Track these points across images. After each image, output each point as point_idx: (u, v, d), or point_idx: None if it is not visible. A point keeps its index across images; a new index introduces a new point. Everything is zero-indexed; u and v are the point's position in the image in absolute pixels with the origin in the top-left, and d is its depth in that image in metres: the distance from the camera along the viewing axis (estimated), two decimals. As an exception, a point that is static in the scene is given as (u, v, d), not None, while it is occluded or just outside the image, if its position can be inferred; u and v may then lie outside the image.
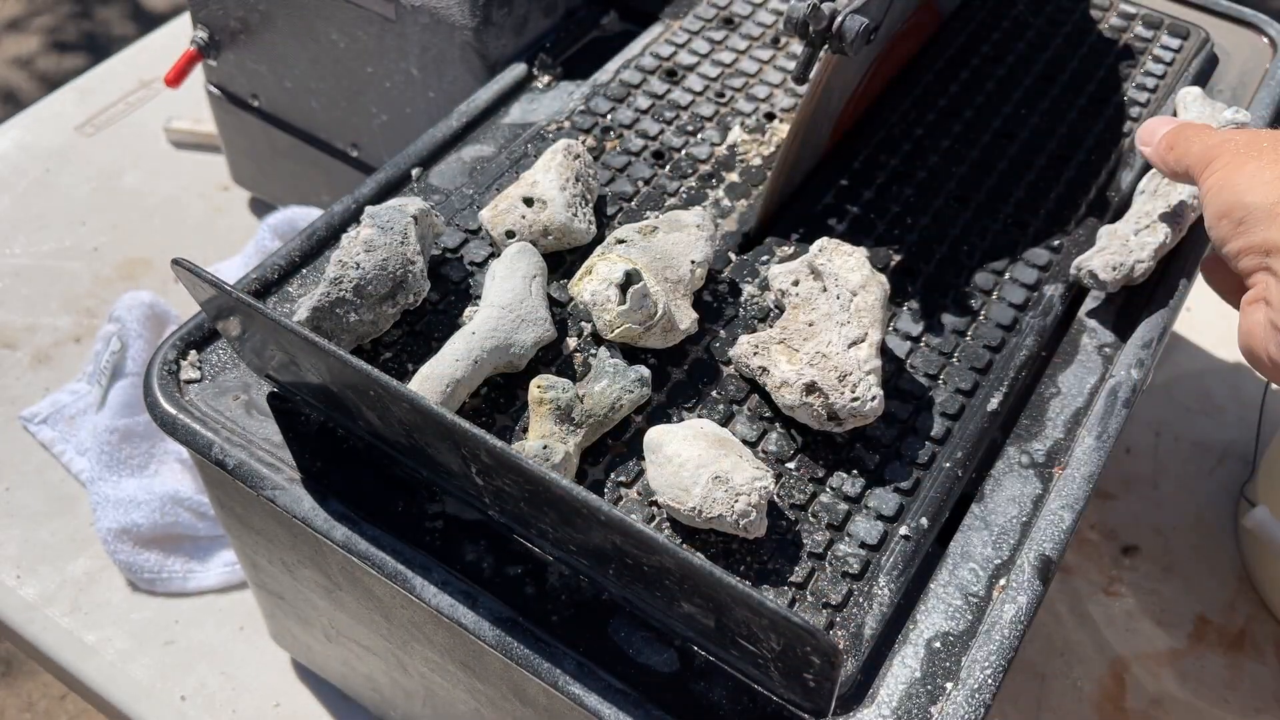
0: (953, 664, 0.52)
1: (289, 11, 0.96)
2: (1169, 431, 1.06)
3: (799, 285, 0.63)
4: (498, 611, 0.53)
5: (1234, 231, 0.50)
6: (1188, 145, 0.56)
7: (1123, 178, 0.77)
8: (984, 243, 0.72)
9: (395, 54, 0.91)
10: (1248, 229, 0.49)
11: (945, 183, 0.76)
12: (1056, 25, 0.89)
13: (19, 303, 1.14)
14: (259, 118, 1.09)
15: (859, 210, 0.74)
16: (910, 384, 0.63)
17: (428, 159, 0.76)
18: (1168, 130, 0.59)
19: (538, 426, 0.57)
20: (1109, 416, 0.62)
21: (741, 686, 0.51)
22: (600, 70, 0.84)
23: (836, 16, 0.60)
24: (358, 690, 0.82)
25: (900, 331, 0.66)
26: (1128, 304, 0.69)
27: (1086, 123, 0.81)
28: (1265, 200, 0.48)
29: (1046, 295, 0.69)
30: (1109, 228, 0.69)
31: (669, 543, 0.42)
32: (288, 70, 1.01)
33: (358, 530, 0.56)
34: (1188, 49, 0.87)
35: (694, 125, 0.79)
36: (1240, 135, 0.53)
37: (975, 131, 0.80)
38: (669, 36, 0.86)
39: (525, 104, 0.81)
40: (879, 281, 0.61)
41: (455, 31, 0.85)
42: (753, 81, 0.83)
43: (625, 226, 0.66)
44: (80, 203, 1.25)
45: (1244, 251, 0.49)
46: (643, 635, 0.52)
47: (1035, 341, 0.66)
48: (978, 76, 0.85)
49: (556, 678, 0.51)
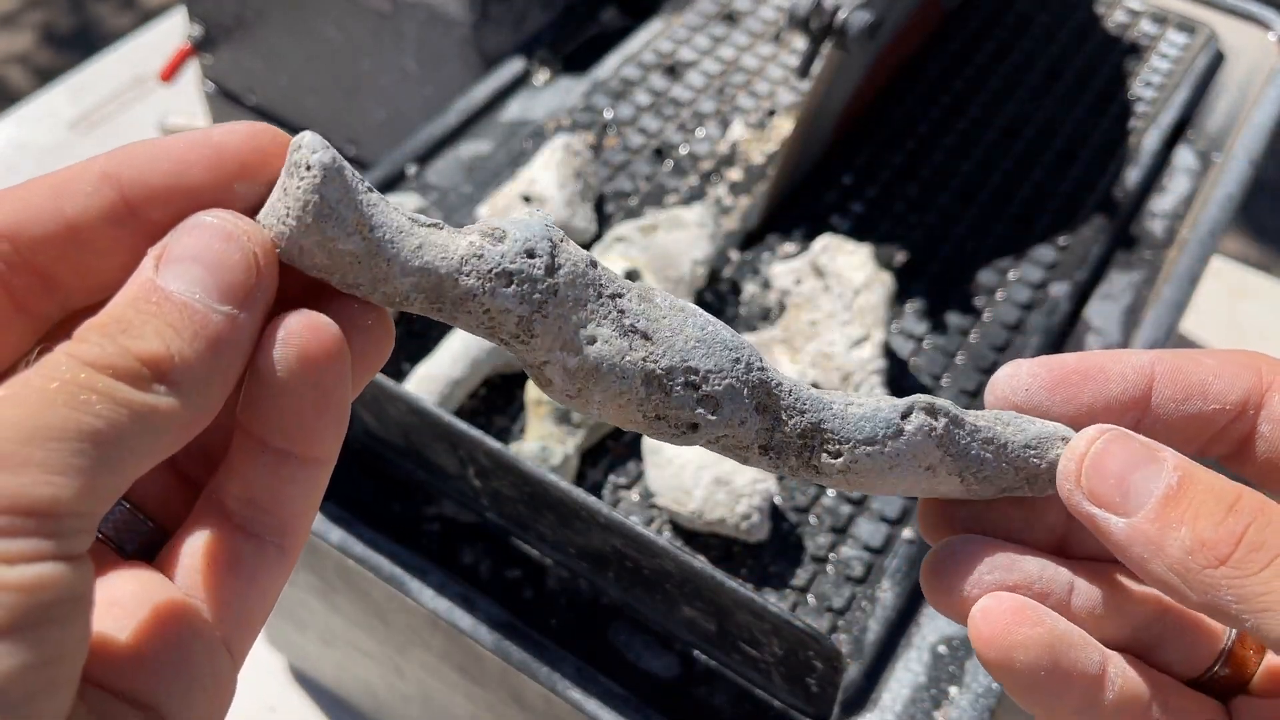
0: (957, 668, 0.51)
1: (285, 6, 0.95)
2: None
3: (801, 284, 0.62)
4: (496, 615, 0.52)
5: None
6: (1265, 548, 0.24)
7: (1129, 175, 0.76)
8: (989, 241, 0.71)
9: (392, 49, 0.90)
10: None
11: (949, 180, 0.75)
12: (1061, 21, 0.88)
13: (12, 301, 1.13)
14: (254, 114, 1.09)
15: (862, 208, 0.73)
16: (914, 384, 0.63)
17: (425, 156, 0.75)
18: (1163, 492, 0.26)
19: (536, 428, 0.56)
20: (1116, 417, 0.61)
21: (743, 692, 0.50)
22: (600, 66, 0.83)
23: (839, 12, 0.59)
24: (354, 695, 0.82)
25: (904, 331, 0.65)
26: (1134, 304, 0.68)
27: (1092, 120, 0.80)
28: None
29: (1052, 295, 0.68)
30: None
31: (670, 545, 0.41)
32: (283, 66, 1.01)
33: (354, 533, 0.55)
34: (1193, 46, 0.86)
35: (695, 122, 0.78)
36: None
37: (980, 129, 0.79)
38: (670, 32, 0.86)
39: (524, 100, 0.81)
40: (882, 280, 0.61)
41: (453, 26, 0.84)
42: (754, 78, 0.82)
43: (625, 224, 0.65)
44: (75, 200, 1.24)
45: None
46: (643, 640, 0.52)
47: (1041, 341, 0.66)
48: (982, 73, 0.84)
49: (555, 682, 0.50)
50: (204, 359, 0.21)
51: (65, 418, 0.19)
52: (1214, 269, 1.13)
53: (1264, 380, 0.28)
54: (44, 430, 0.19)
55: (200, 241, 0.22)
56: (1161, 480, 0.25)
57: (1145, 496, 0.25)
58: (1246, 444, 0.28)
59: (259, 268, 0.22)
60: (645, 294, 0.26)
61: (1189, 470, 0.26)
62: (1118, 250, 0.72)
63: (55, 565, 0.19)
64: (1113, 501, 0.26)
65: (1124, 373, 0.28)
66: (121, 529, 0.25)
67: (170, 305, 0.21)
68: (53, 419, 0.19)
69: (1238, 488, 0.25)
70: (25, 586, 0.18)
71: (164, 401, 0.21)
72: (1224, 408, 0.28)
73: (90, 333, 0.21)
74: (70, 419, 0.20)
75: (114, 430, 0.20)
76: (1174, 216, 0.75)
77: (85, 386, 0.20)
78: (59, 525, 0.19)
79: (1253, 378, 0.28)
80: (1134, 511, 0.25)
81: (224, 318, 0.22)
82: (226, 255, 0.22)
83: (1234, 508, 0.25)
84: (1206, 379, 0.28)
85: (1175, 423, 0.28)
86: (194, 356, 0.21)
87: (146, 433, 0.21)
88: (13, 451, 0.19)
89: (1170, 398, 0.28)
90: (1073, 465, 0.26)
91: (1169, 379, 0.28)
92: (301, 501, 0.25)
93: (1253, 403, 0.28)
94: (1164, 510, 0.25)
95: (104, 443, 0.20)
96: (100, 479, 0.20)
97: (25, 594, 0.18)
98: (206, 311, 0.22)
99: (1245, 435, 0.28)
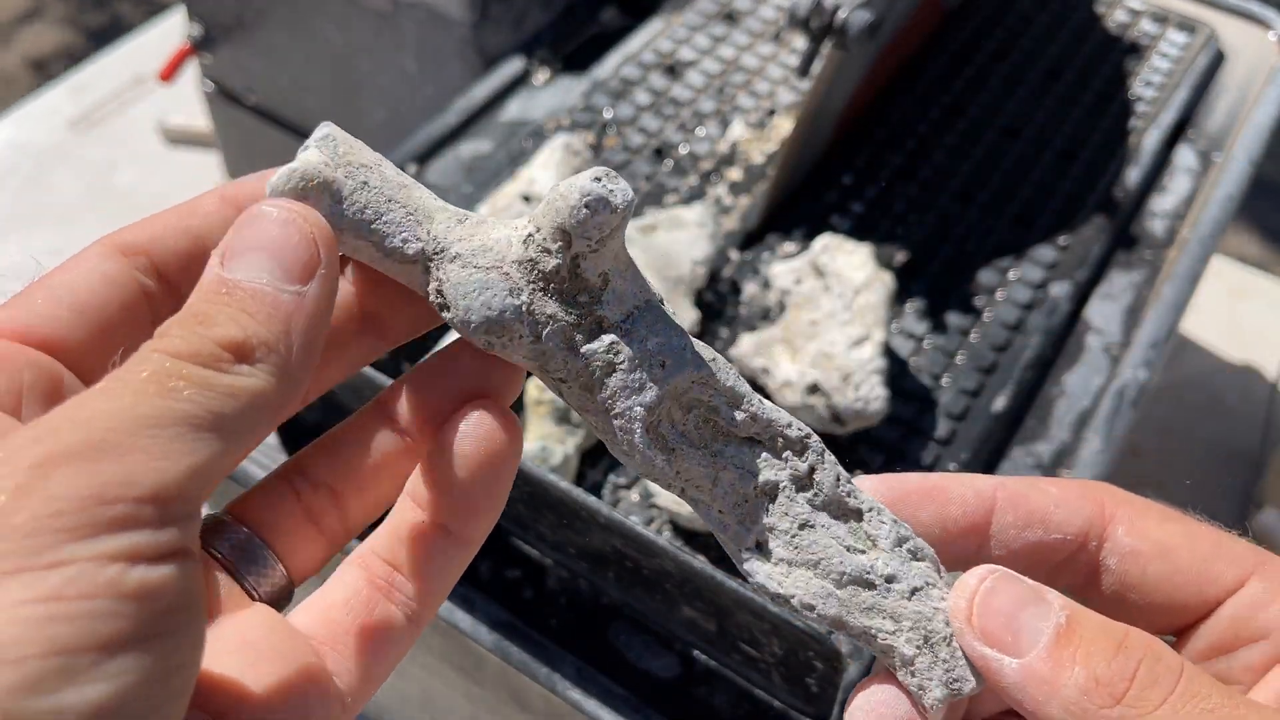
0: (959, 669, 0.51)
1: (285, 7, 0.95)
2: (1177, 433, 1.06)
3: (801, 284, 0.62)
4: (495, 615, 0.52)
5: None
6: None
7: (1129, 175, 0.76)
8: (989, 241, 0.71)
9: (392, 49, 0.90)
10: None
11: (950, 180, 0.75)
12: (1061, 21, 0.88)
13: (12, 301, 1.13)
14: (254, 114, 1.08)
15: (862, 208, 0.73)
16: (914, 384, 0.62)
17: (425, 155, 0.75)
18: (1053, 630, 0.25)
19: (536, 427, 0.56)
20: (1116, 418, 0.61)
21: (743, 692, 0.50)
22: (600, 66, 0.83)
23: (839, 12, 0.59)
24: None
25: (904, 331, 0.65)
26: (1134, 304, 0.68)
27: (1092, 119, 0.80)
28: None
29: (1052, 295, 0.68)
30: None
31: (670, 545, 0.41)
32: (283, 66, 1.00)
33: (352, 532, 0.55)
34: (1193, 45, 0.86)
35: (695, 122, 0.78)
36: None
37: (980, 128, 0.79)
38: (670, 32, 0.85)
39: (524, 100, 0.80)
40: (883, 280, 0.60)
41: (453, 26, 0.84)
42: (754, 77, 0.82)
43: (625, 224, 0.65)
44: (73, 200, 1.24)
45: None
46: (643, 640, 0.52)
47: (1041, 341, 0.65)
48: (982, 73, 0.84)
49: (555, 683, 0.50)
50: (280, 337, 0.22)
51: (159, 406, 0.20)
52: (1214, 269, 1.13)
53: (1106, 512, 0.28)
54: (142, 419, 0.20)
55: (260, 230, 0.23)
56: (1050, 619, 0.25)
57: (1036, 635, 0.25)
58: (1093, 576, 0.28)
59: (318, 244, 0.24)
60: None
61: (1075, 609, 0.25)
62: (1118, 250, 0.72)
63: (170, 568, 0.19)
64: (1004, 641, 0.25)
65: (965, 496, 0.28)
66: (240, 550, 0.26)
67: (241, 292, 0.23)
68: (148, 408, 0.20)
69: (1124, 626, 0.25)
70: (144, 593, 0.18)
71: (249, 381, 0.22)
72: (1064, 538, 0.27)
73: (171, 328, 0.22)
74: (164, 406, 0.20)
75: (206, 413, 0.21)
76: (1174, 216, 0.75)
77: (174, 375, 0.21)
78: (168, 511, 0.19)
79: (1093, 509, 0.28)
80: (1026, 651, 0.25)
81: (293, 296, 0.23)
82: (286, 238, 0.23)
83: (1123, 645, 0.25)
84: (1048, 507, 0.28)
85: (1016, 550, 0.27)
86: (271, 336, 0.22)
87: (238, 414, 0.21)
88: (116, 441, 0.19)
89: (1011, 524, 0.28)
90: (963, 603, 0.26)
91: (1010, 505, 0.28)
92: (445, 577, 0.26)
93: (1094, 534, 0.28)
94: (1056, 649, 0.25)
95: (199, 426, 0.20)
96: (199, 461, 0.20)
97: (144, 602, 0.18)
98: (275, 293, 0.23)
99: (1092, 567, 0.28)
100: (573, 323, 0.25)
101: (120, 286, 0.25)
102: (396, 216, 0.25)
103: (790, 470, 0.27)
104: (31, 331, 0.24)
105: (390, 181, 0.25)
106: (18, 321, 0.24)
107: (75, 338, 0.24)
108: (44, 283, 0.25)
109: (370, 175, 0.25)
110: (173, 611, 0.19)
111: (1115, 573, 0.27)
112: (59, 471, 0.18)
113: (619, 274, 0.26)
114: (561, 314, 0.25)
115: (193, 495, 0.20)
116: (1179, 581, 0.27)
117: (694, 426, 0.26)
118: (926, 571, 0.27)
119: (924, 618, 0.26)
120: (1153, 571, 0.27)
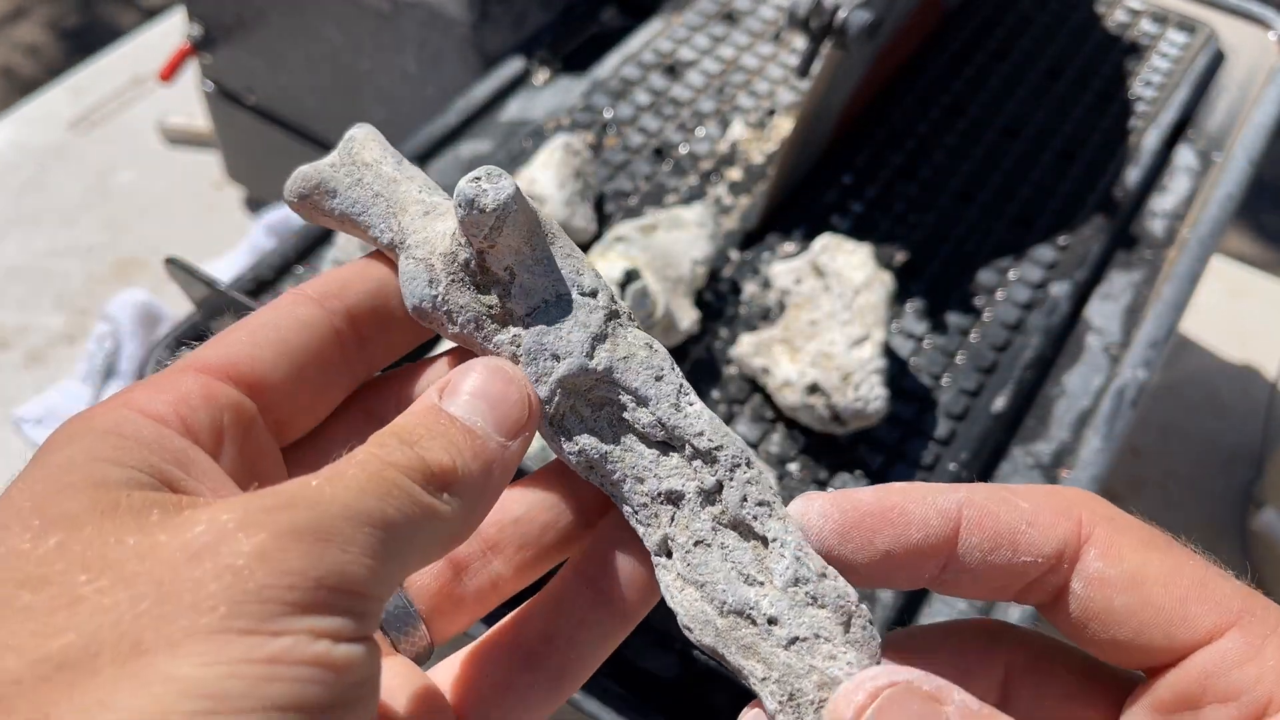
0: (959, 669, 0.51)
1: (285, 6, 0.95)
2: (1177, 433, 1.06)
3: (801, 284, 0.62)
4: (494, 615, 0.52)
5: None
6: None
7: (1129, 175, 0.76)
8: (989, 241, 0.71)
9: (392, 49, 0.90)
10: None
11: (949, 180, 0.75)
12: (1061, 21, 0.88)
13: (12, 302, 1.13)
14: (254, 114, 1.08)
15: (862, 208, 0.73)
16: (914, 384, 0.62)
17: (425, 155, 0.75)
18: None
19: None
20: (1116, 417, 0.61)
21: (743, 692, 0.50)
22: (600, 65, 0.83)
23: (839, 11, 0.59)
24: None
25: (904, 331, 0.65)
26: (1134, 304, 0.68)
27: (1092, 119, 0.80)
28: None
29: (1052, 294, 0.68)
30: None
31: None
32: (283, 66, 1.00)
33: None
34: (1193, 45, 0.86)
35: (695, 122, 0.78)
36: None
37: (980, 128, 0.79)
38: (669, 32, 0.85)
39: (523, 100, 0.80)
40: (882, 280, 0.60)
41: (453, 26, 0.84)
42: (754, 77, 0.82)
43: (625, 224, 0.65)
44: (73, 201, 1.24)
45: None
46: (643, 640, 0.51)
47: (1041, 341, 0.65)
48: (982, 73, 0.84)
49: (555, 684, 0.50)
50: (479, 478, 0.24)
51: (374, 507, 0.21)
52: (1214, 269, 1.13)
53: (1083, 530, 0.25)
54: (362, 516, 0.21)
55: (483, 380, 0.25)
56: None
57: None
58: (1061, 596, 0.25)
59: (530, 409, 0.25)
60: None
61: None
62: (1118, 250, 0.72)
63: (362, 648, 0.20)
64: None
65: (926, 517, 0.25)
66: (390, 620, 0.28)
67: (456, 428, 0.24)
68: (368, 507, 0.21)
69: None
70: (343, 668, 0.20)
71: (446, 508, 0.23)
72: (1035, 560, 0.25)
73: (388, 439, 0.23)
74: (379, 510, 0.21)
75: (407, 525, 0.22)
76: (1174, 216, 0.75)
77: (391, 483, 0.22)
78: (365, 605, 0.21)
79: (1070, 527, 0.25)
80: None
81: (499, 445, 0.24)
82: (506, 395, 0.25)
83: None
84: (1018, 526, 0.25)
85: (982, 573, 0.25)
86: (474, 473, 0.24)
87: (428, 534, 0.23)
88: (339, 530, 0.20)
89: (977, 546, 0.25)
90: (850, 715, 0.24)
91: (977, 525, 0.25)
92: (597, 651, 0.27)
93: (1069, 555, 0.25)
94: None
95: (397, 535, 0.22)
96: (390, 567, 0.21)
97: (341, 674, 0.20)
98: (486, 438, 0.24)
99: (1061, 587, 0.25)
100: (484, 313, 0.26)
101: (315, 330, 0.26)
102: (379, 210, 0.27)
103: (697, 483, 0.26)
104: (235, 369, 0.25)
105: (382, 177, 0.27)
106: (224, 359, 0.25)
107: (274, 378, 0.25)
108: (245, 324, 0.26)
109: (366, 173, 0.27)
110: (359, 685, 0.20)
111: (1080, 598, 0.25)
112: (294, 547, 0.20)
113: (526, 268, 0.26)
114: (474, 305, 0.26)
115: (382, 596, 0.21)
116: (1147, 619, 0.24)
117: (606, 424, 0.26)
118: (822, 622, 0.24)
119: (794, 674, 0.24)
120: (1120, 604, 0.24)
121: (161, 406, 0.23)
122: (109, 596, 0.19)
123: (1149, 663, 0.25)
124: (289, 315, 0.26)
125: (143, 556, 0.19)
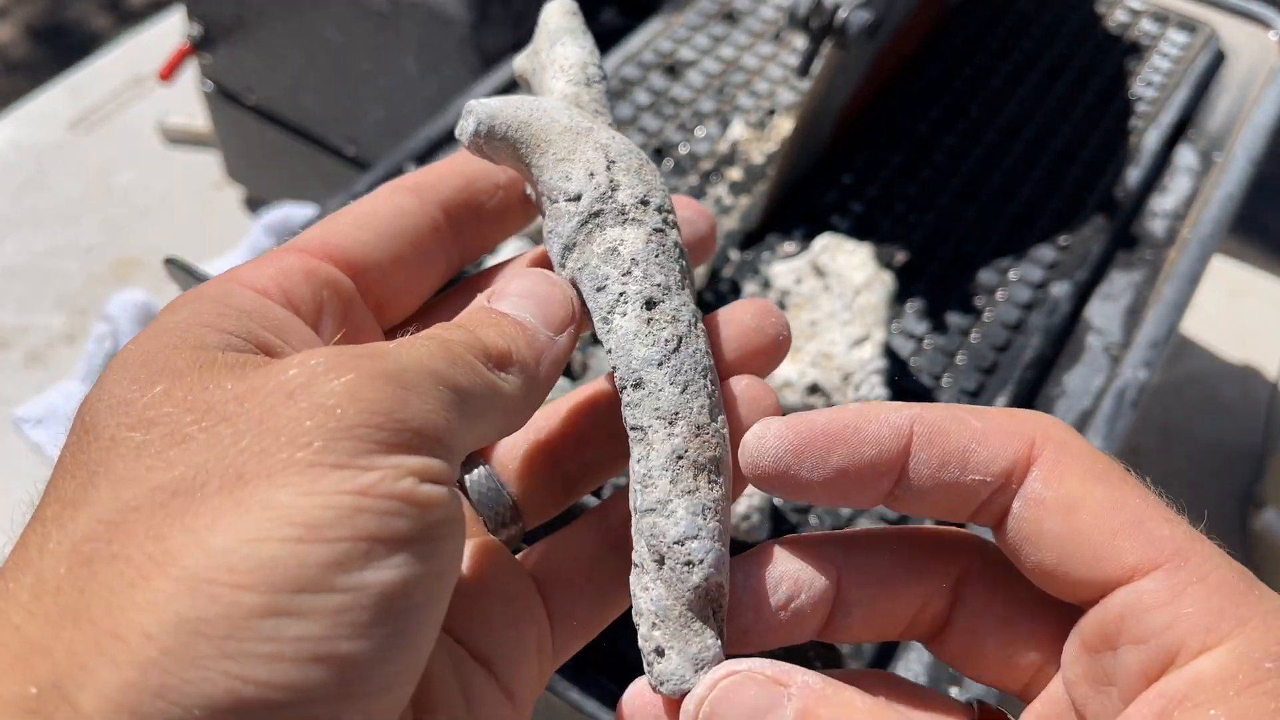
0: (957, 669, 0.51)
1: (285, 6, 0.95)
2: (1177, 433, 1.05)
3: (801, 284, 0.62)
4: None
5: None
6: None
7: (1129, 175, 0.76)
8: (989, 241, 0.71)
9: (392, 49, 0.89)
10: None
11: (950, 180, 0.75)
12: (1061, 21, 0.88)
13: (12, 302, 1.13)
14: (253, 114, 1.08)
15: (862, 208, 0.73)
16: (914, 384, 0.62)
17: (424, 155, 0.75)
18: None
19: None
20: (1116, 418, 0.61)
21: (744, 693, 0.50)
22: (599, 66, 0.82)
23: (839, 11, 0.59)
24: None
25: (905, 331, 0.65)
26: (1134, 304, 0.68)
27: (1092, 119, 0.80)
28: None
29: (1053, 294, 0.68)
30: None
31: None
32: (283, 66, 1.00)
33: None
34: (1194, 45, 0.86)
35: (695, 122, 0.78)
36: None
37: (980, 128, 0.79)
38: (669, 32, 0.85)
39: (523, 100, 0.80)
40: (883, 280, 0.60)
41: (453, 26, 0.84)
42: (754, 77, 0.82)
43: (625, 224, 0.65)
44: (73, 201, 1.24)
45: None
46: (643, 640, 0.51)
47: (1041, 341, 0.65)
48: (982, 72, 0.84)
49: (555, 682, 0.50)
50: (532, 364, 0.26)
51: (446, 371, 0.23)
52: (1214, 269, 1.13)
53: (1033, 452, 0.24)
54: (436, 375, 0.23)
55: (528, 282, 0.27)
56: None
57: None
58: (1004, 518, 0.25)
59: (574, 307, 0.27)
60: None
61: (809, 707, 0.23)
62: (1118, 250, 0.72)
63: (444, 489, 0.22)
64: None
65: (879, 434, 0.25)
66: (484, 493, 0.29)
67: (508, 320, 0.26)
68: (440, 367, 0.23)
69: (868, 711, 0.23)
70: (428, 504, 0.21)
71: (505, 385, 0.25)
72: (984, 479, 0.24)
73: (441, 330, 0.25)
74: (450, 373, 0.23)
75: (474, 391, 0.24)
76: (1175, 216, 0.74)
77: (457, 354, 0.24)
78: (448, 449, 0.22)
79: (1021, 447, 0.24)
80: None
81: (548, 338, 0.26)
82: (551, 294, 0.27)
83: None
84: (968, 445, 0.25)
85: (932, 490, 0.25)
86: (528, 360, 0.26)
87: (492, 406, 0.24)
88: (418, 383, 0.22)
89: (926, 462, 0.25)
90: (691, 707, 0.24)
91: (926, 441, 0.25)
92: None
93: (1017, 475, 0.24)
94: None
95: (468, 399, 0.23)
96: (462, 425, 0.23)
97: (426, 511, 0.21)
98: (536, 330, 0.26)
99: (1006, 509, 0.25)
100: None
101: (412, 217, 0.28)
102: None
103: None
104: (337, 249, 0.27)
105: (539, 55, 0.33)
106: (326, 240, 0.27)
107: (372, 260, 0.28)
108: (347, 211, 0.28)
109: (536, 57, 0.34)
110: (444, 523, 0.22)
111: (1017, 519, 0.24)
112: (381, 389, 0.21)
113: (530, 181, 0.29)
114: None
115: (460, 448, 0.23)
116: (1072, 549, 0.24)
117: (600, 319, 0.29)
118: (643, 553, 0.26)
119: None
120: (1049, 528, 0.24)
121: (264, 280, 0.25)
122: (213, 434, 0.21)
123: (1077, 595, 0.24)
124: (387, 203, 0.28)
125: (241, 399, 0.21)
